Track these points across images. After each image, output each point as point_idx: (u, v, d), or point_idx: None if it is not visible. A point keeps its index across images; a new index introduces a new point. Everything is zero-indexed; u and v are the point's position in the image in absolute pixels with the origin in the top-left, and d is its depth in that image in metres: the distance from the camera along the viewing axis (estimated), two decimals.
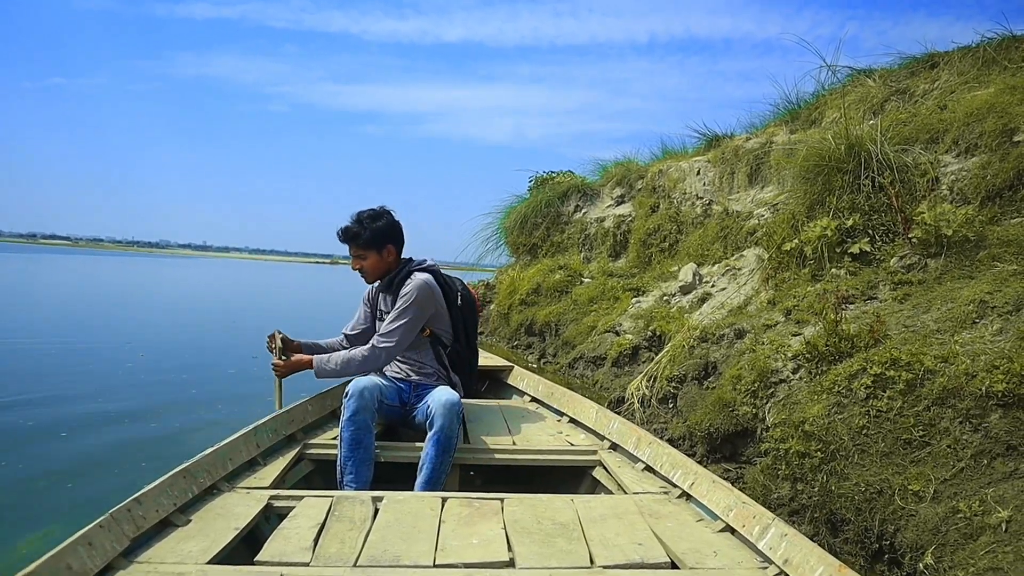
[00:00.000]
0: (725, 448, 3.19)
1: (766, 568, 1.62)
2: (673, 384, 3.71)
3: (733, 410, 3.14)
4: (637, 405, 3.87)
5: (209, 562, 1.57)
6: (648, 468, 2.41)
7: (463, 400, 2.99)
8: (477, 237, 9.75)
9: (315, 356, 2.73)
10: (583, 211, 8.70)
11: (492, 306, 8.64)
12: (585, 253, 8.20)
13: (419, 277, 2.73)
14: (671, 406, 3.70)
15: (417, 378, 2.80)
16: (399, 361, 2.83)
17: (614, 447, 2.68)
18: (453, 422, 2.39)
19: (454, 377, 2.86)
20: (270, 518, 1.94)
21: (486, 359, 3.95)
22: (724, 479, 2.06)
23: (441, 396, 2.45)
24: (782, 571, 1.58)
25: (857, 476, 2.27)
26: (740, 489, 1.98)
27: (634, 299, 6.16)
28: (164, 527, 1.73)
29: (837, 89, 6.46)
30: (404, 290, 2.70)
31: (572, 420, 3.06)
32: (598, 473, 2.53)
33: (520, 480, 2.69)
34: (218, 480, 2.03)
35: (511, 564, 1.62)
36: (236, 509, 1.88)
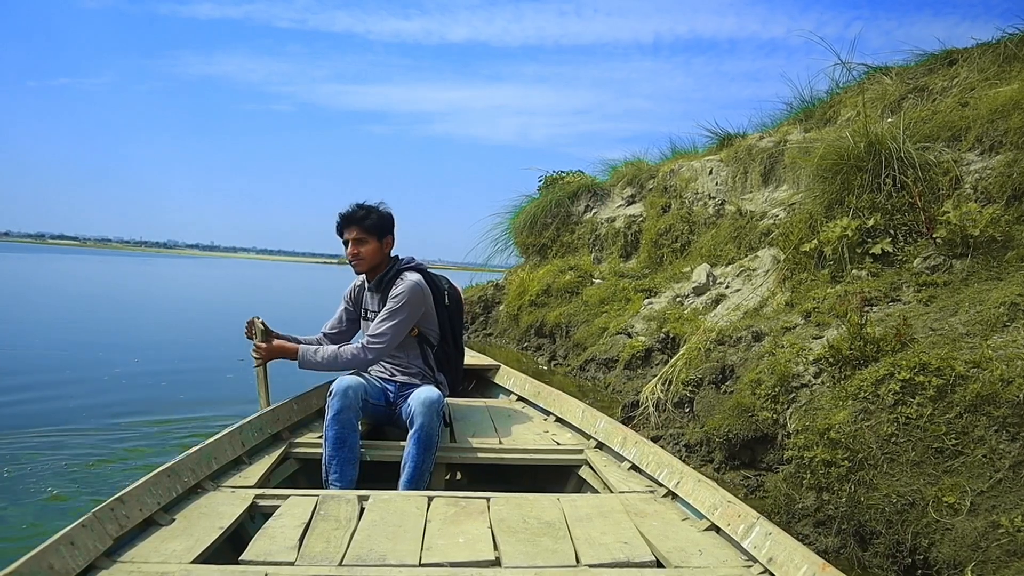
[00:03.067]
0: (744, 454, 3.11)
1: (751, 567, 1.61)
2: (689, 388, 3.62)
3: (752, 415, 3.06)
4: (652, 409, 3.79)
5: (193, 561, 1.54)
6: (634, 467, 2.39)
7: (449, 399, 2.95)
8: (486, 237, 9.69)
9: (301, 345, 2.67)
10: (593, 211, 8.62)
11: (501, 307, 8.57)
12: (595, 253, 8.11)
13: (410, 278, 2.69)
14: (687, 410, 3.61)
15: (403, 377, 2.77)
16: (385, 360, 2.80)
17: (600, 446, 2.65)
18: (433, 420, 2.38)
19: (439, 376, 2.84)
20: (255, 517, 1.91)
21: (473, 358, 3.90)
22: (746, 489, 1.99)
23: (421, 394, 2.44)
24: (766, 570, 1.57)
25: (887, 486, 2.18)
26: (759, 497, 1.91)
27: (646, 300, 6.08)
28: (148, 526, 1.71)
29: (852, 87, 6.36)
30: (395, 291, 2.67)
31: (558, 419, 3.04)
32: (584, 472, 2.51)
33: (506, 479, 2.68)
34: (203, 479, 2.01)
35: (497, 563, 1.61)
36: (221, 508, 1.86)
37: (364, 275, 2.84)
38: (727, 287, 5.42)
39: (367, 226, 2.71)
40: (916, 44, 7.81)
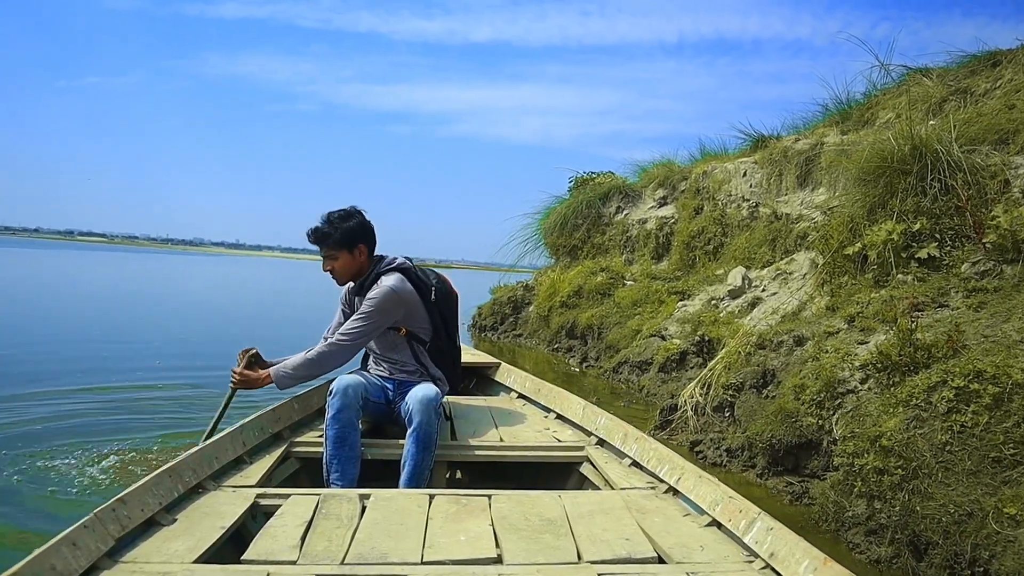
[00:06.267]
0: (787, 460, 3.08)
1: (752, 562, 1.61)
2: (729, 392, 3.60)
3: (796, 421, 3.03)
4: (690, 413, 3.78)
5: (195, 561, 1.55)
6: (635, 464, 2.38)
7: (450, 395, 2.96)
8: (514, 238, 9.69)
9: (271, 368, 2.63)
10: (624, 212, 8.59)
11: (531, 308, 8.58)
12: (627, 255, 8.09)
13: (387, 281, 2.67)
14: (727, 415, 3.59)
15: (401, 375, 2.78)
16: (382, 361, 2.82)
17: (601, 443, 2.65)
18: (431, 417, 2.38)
19: (436, 372, 2.82)
20: (256, 517, 1.92)
21: (473, 356, 3.90)
22: (790, 496, 1.97)
23: (418, 392, 2.45)
24: (768, 565, 1.57)
25: (943, 496, 2.15)
26: (805, 504, 1.89)
27: (679, 303, 6.05)
28: (150, 526, 1.71)
29: (891, 88, 6.27)
30: (370, 294, 2.67)
31: (559, 416, 3.04)
32: (585, 469, 2.51)
33: (507, 477, 2.68)
34: (204, 479, 2.01)
35: (499, 560, 1.61)
36: (222, 508, 1.86)
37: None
38: (763, 290, 5.38)
39: (332, 244, 2.69)
40: (945, 45, 7.66)
